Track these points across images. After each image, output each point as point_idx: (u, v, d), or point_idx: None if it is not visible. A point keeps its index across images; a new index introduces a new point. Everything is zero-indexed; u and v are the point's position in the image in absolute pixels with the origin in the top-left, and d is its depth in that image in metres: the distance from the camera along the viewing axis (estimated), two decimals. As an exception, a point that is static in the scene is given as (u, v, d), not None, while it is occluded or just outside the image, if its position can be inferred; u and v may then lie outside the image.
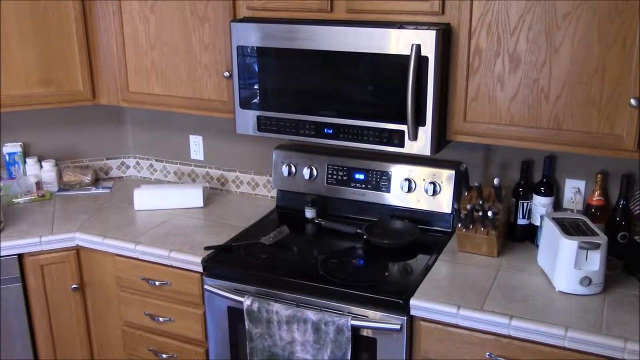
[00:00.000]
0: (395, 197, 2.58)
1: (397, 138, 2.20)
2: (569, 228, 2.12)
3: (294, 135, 2.37)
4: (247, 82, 2.39)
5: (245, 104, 2.42)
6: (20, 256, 2.57)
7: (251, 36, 2.32)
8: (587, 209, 2.31)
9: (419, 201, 2.54)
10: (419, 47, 2.06)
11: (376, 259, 2.36)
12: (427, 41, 2.05)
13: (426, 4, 2.11)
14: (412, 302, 2.06)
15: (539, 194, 2.38)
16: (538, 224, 2.36)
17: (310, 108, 2.31)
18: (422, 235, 2.48)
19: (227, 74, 2.47)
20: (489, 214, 2.26)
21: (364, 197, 2.63)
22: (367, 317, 2.10)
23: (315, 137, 2.33)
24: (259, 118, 2.41)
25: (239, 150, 2.98)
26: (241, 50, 2.35)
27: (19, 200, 2.92)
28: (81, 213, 2.82)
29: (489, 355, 1.99)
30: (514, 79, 2.07)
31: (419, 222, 2.54)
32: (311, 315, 2.13)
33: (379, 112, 2.21)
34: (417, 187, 2.53)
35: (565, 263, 2.05)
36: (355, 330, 2.11)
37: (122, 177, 3.28)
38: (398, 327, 2.07)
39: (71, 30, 2.68)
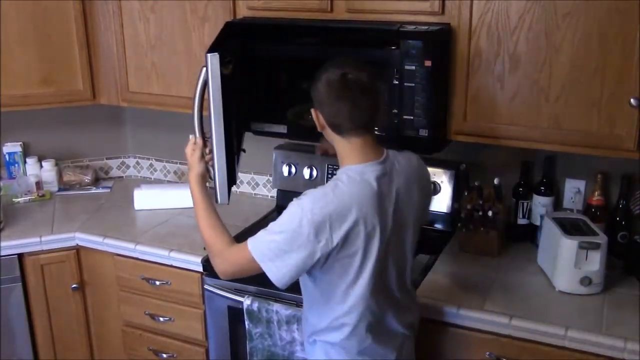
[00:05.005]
0: (395, 197, 2.57)
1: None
2: (569, 228, 2.11)
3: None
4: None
5: (245, 104, 2.42)
6: (20, 256, 2.57)
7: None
8: (587, 209, 2.31)
9: (419, 201, 2.53)
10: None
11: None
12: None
13: (426, 4, 2.11)
14: (412, 302, 2.06)
15: (539, 194, 2.38)
16: (538, 224, 2.36)
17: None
18: (422, 235, 2.47)
19: (227, 73, 2.47)
20: (489, 214, 2.27)
21: (364, 197, 2.62)
22: (367, 317, 2.10)
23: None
24: (259, 118, 2.41)
25: (239, 150, 2.98)
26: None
27: (19, 200, 2.92)
28: (81, 213, 2.82)
29: (489, 355, 1.99)
30: (514, 79, 2.07)
31: (419, 222, 2.53)
32: (311, 315, 2.13)
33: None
34: (417, 187, 2.53)
35: (565, 263, 2.05)
36: (355, 330, 2.11)
37: (122, 177, 3.28)
38: (398, 327, 2.07)
39: (71, 30, 2.68)
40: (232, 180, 2.02)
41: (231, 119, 1.95)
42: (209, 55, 1.77)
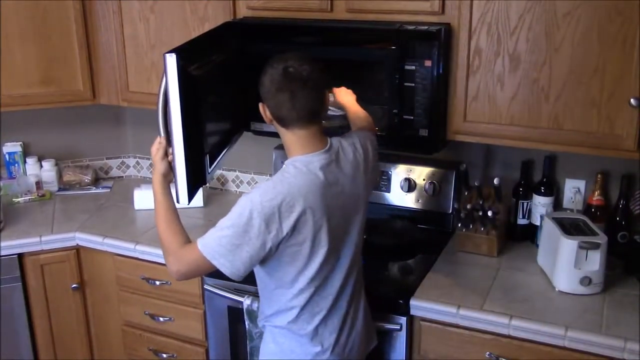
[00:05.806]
0: (395, 197, 2.57)
1: (397, 138, 2.20)
2: (569, 228, 2.11)
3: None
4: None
5: (245, 104, 2.42)
6: (20, 256, 2.57)
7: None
8: (587, 209, 2.31)
9: (419, 201, 2.54)
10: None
11: (376, 259, 2.36)
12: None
13: (426, 3, 2.11)
14: (412, 302, 2.06)
15: (539, 193, 2.38)
16: (538, 223, 2.36)
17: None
18: (422, 235, 2.48)
19: (227, 73, 2.47)
20: (489, 214, 2.27)
21: (364, 197, 2.62)
22: (367, 317, 2.10)
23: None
24: (259, 118, 2.41)
25: (239, 150, 2.97)
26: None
27: (19, 199, 2.92)
28: (81, 213, 2.82)
29: (489, 355, 1.99)
30: (514, 79, 2.07)
31: (419, 222, 2.54)
32: (311, 315, 2.13)
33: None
34: (417, 187, 2.53)
35: (565, 263, 2.05)
36: (355, 330, 2.11)
37: (122, 176, 3.28)
38: (398, 327, 2.07)
39: (71, 30, 2.68)
40: (199, 180, 2.01)
41: (201, 119, 1.95)
42: (166, 55, 1.78)
